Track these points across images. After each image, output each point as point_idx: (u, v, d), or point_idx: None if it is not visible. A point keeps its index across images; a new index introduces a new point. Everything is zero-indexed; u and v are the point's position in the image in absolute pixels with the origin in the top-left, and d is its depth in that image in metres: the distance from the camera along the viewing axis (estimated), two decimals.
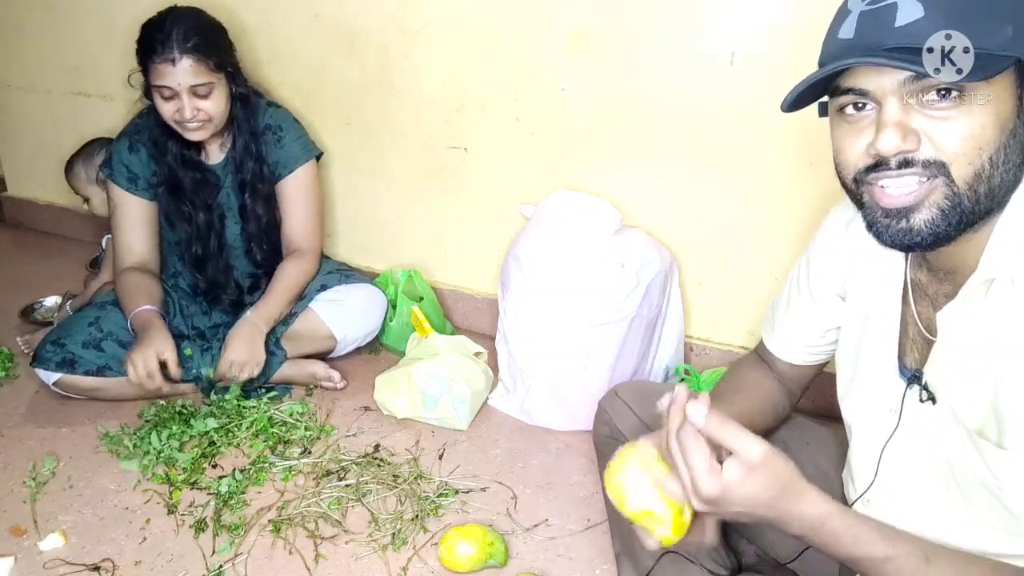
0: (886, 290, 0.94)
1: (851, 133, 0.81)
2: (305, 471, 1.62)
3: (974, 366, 0.81)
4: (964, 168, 0.75)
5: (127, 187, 1.88)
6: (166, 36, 1.67)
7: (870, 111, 0.79)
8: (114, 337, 1.79)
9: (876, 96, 0.77)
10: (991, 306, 0.79)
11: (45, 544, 1.41)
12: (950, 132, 0.74)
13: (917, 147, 0.76)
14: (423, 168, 2.13)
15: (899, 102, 0.76)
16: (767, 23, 1.59)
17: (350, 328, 1.96)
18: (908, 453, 0.91)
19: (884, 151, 0.76)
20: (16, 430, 1.76)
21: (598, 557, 1.41)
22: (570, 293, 1.70)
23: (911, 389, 0.89)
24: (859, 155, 0.80)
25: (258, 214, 1.92)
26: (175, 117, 1.74)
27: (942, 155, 0.75)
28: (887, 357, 0.93)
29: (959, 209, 0.76)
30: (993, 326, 0.78)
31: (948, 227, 0.77)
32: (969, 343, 0.81)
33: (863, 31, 0.76)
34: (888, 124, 0.76)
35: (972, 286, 0.81)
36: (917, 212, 0.78)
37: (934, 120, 0.75)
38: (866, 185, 0.81)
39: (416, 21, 1.97)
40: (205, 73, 1.71)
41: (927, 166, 0.76)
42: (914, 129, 0.75)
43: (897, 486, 0.93)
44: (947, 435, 0.85)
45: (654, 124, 1.78)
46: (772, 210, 1.73)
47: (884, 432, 0.93)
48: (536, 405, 1.79)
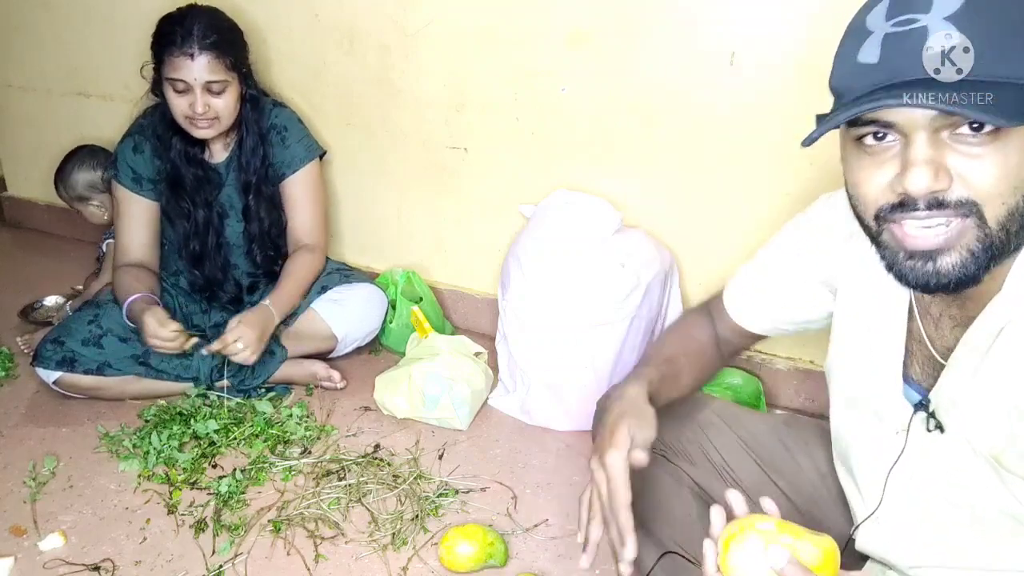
0: (889, 304, 0.90)
1: (872, 165, 0.73)
2: (305, 471, 1.62)
3: (990, 398, 0.76)
4: (998, 208, 0.68)
5: (132, 187, 1.88)
6: (187, 31, 1.69)
7: (893, 143, 0.71)
8: (114, 334, 1.79)
9: (903, 130, 0.69)
10: (1008, 342, 0.74)
11: (45, 544, 1.41)
12: (984, 171, 0.67)
13: (949, 186, 0.68)
14: (423, 168, 2.13)
15: (928, 137, 0.68)
16: (767, 23, 1.59)
17: (351, 327, 1.96)
18: (917, 478, 0.88)
19: (915, 192, 0.69)
20: (16, 430, 1.76)
21: (598, 557, 1.40)
22: (570, 293, 1.70)
23: (918, 415, 0.85)
24: (882, 191, 0.72)
25: (261, 215, 1.93)
26: (186, 112, 1.74)
27: (975, 195, 0.68)
28: (891, 374, 0.90)
29: (990, 252, 0.70)
30: (1011, 359, 0.74)
31: (977, 270, 0.71)
32: (984, 374, 0.77)
33: (889, 56, 0.68)
34: (919, 162, 0.68)
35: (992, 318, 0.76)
36: (945, 255, 0.71)
37: (967, 157, 0.68)
38: (888, 224, 0.73)
39: (416, 21, 1.97)
40: (221, 71, 1.73)
41: (959, 207, 0.68)
42: (946, 167, 0.68)
43: (909, 513, 0.90)
44: (963, 464, 0.82)
45: (654, 124, 1.78)
46: (772, 210, 1.72)
47: (890, 453, 0.90)
48: (536, 405, 1.79)
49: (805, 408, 1.84)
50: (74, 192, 2.26)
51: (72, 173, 2.25)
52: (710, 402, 1.22)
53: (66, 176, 2.25)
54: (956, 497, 0.84)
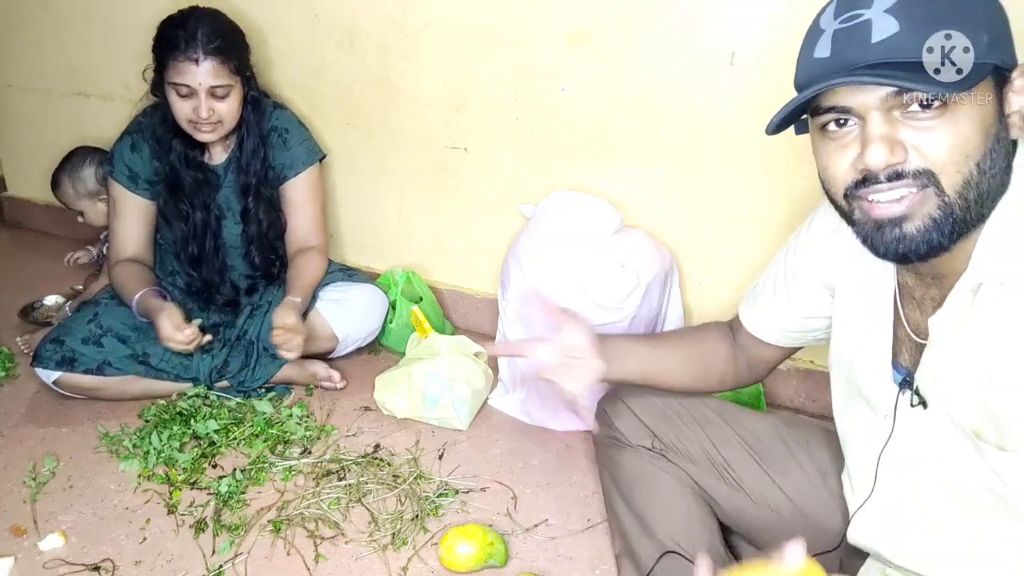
0: (877, 293, 0.94)
1: (836, 150, 0.81)
2: (305, 471, 1.62)
3: (966, 369, 0.80)
4: (953, 176, 0.75)
5: (127, 186, 1.88)
6: (191, 35, 1.68)
7: (853, 127, 0.79)
8: (114, 332, 1.79)
9: (859, 112, 0.77)
10: (981, 309, 0.79)
11: (45, 544, 1.41)
12: (936, 142, 0.75)
13: (905, 159, 0.76)
14: (423, 168, 2.13)
15: (882, 116, 0.76)
16: (767, 23, 1.59)
17: (352, 328, 1.96)
18: (905, 459, 0.91)
19: (872, 165, 0.76)
20: (16, 430, 1.76)
21: (598, 557, 1.41)
22: (570, 293, 1.70)
23: (903, 394, 0.89)
24: (846, 170, 0.80)
25: (260, 217, 1.92)
26: (190, 117, 1.74)
27: (930, 165, 0.75)
28: (881, 360, 0.93)
29: (951, 218, 0.77)
30: (984, 328, 0.78)
31: (941, 236, 0.77)
32: (960, 346, 0.81)
33: (839, 49, 0.77)
34: (875, 138, 0.76)
35: (961, 291, 0.80)
36: (908, 222, 0.78)
37: (919, 131, 0.75)
38: (856, 200, 0.81)
39: (416, 21, 1.97)
40: (225, 75, 1.72)
41: (917, 176, 0.76)
42: (900, 141, 0.76)
43: (897, 494, 0.93)
44: (944, 440, 0.85)
45: (654, 124, 1.78)
46: (773, 209, 1.72)
47: (879, 438, 0.93)
48: (536, 405, 1.79)
49: (805, 408, 1.84)
50: (85, 188, 2.21)
51: (83, 167, 2.21)
52: (710, 401, 1.23)
53: (75, 172, 2.21)
54: (939, 473, 0.87)
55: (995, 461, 0.80)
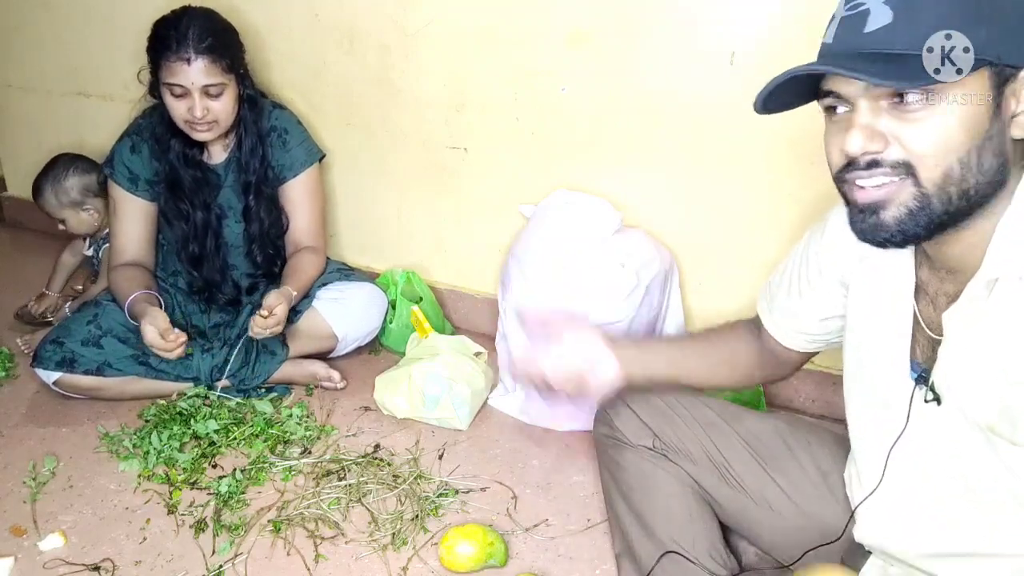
0: (896, 288, 0.93)
1: (834, 132, 0.83)
2: (305, 471, 1.62)
3: (982, 365, 0.80)
4: (931, 170, 0.76)
5: (128, 187, 1.88)
6: (182, 35, 1.68)
7: (848, 112, 0.80)
8: (113, 334, 1.79)
9: (849, 99, 0.79)
10: (997, 304, 0.78)
11: (45, 544, 1.41)
12: (918, 134, 0.75)
13: (883, 148, 0.77)
14: (423, 168, 2.13)
15: (869, 104, 0.77)
16: (767, 23, 1.59)
17: (351, 327, 1.96)
18: (917, 454, 0.91)
19: (850, 152, 0.78)
20: (16, 430, 1.76)
21: (598, 557, 1.41)
22: (570, 293, 1.70)
23: (918, 389, 0.89)
24: (838, 153, 0.82)
25: (261, 216, 1.93)
26: (185, 116, 1.74)
27: (909, 156, 0.76)
28: (898, 356, 0.92)
29: (928, 210, 0.77)
30: (1000, 324, 0.78)
31: (916, 227, 0.79)
32: (976, 342, 0.81)
33: (840, 36, 0.78)
34: (855, 125, 0.78)
35: (977, 285, 0.80)
36: (885, 210, 0.79)
37: (904, 123, 0.76)
38: (845, 184, 0.83)
39: (416, 21, 1.97)
40: (218, 74, 1.72)
41: (895, 167, 0.77)
42: (880, 131, 0.77)
43: (905, 487, 0.93)
44: (958, 435, 0.85)
45: (654, 124, 1.78)
46: (773, 210, 1.72)
47: (892, 433, 0.93)
48: (536, 405, 1.79)
49: (806, 408, 1.84)
50: (68, 197, 2.16)
51: (66, 177, 2.16)
52: (711, 402, 1.23)
53: (59, 181, 2.16)
54: (952, 468, 0.87)
55: (1008, 456, 0.80)
